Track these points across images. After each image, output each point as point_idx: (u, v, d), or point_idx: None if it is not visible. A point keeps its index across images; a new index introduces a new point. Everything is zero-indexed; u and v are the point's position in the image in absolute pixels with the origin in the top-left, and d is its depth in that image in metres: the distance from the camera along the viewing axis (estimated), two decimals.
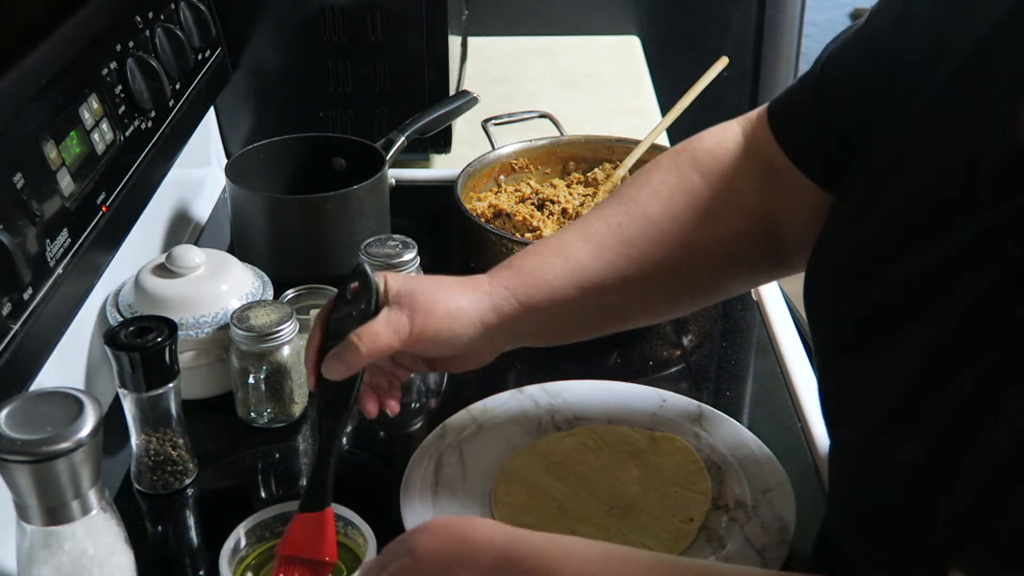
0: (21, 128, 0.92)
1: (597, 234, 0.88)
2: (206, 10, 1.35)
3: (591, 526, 0.90)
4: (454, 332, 0.84)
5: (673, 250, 0.87)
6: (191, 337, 1.03)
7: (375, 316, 0.83)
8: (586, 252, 0.87)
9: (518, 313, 0.86)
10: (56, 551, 0.69)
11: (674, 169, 0.90)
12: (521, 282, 0.86)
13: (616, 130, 1.46)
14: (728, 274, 0.92)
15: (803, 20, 2.14)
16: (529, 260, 0.88)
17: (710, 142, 0.91)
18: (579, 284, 0.86)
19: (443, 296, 0.84)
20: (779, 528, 0.89)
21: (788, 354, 1.14)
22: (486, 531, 0.72)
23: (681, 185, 0.88)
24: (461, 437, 0.99)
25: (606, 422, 1.02)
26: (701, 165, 0.89)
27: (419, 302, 0.83)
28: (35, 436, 0.65)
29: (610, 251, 0.87)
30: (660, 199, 0.88)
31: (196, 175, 1.45)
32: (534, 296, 0.86)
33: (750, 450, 0.98)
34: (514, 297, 0.86)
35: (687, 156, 0.90)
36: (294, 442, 1.04)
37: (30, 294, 0.88)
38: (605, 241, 0.87)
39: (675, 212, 0.88)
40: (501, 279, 0.86)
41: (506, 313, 0.86)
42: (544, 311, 0.86)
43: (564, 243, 0.88)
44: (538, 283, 0.86)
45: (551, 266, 0.86)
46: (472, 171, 1.34)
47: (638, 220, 0.88)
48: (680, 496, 0.93)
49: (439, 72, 1.47)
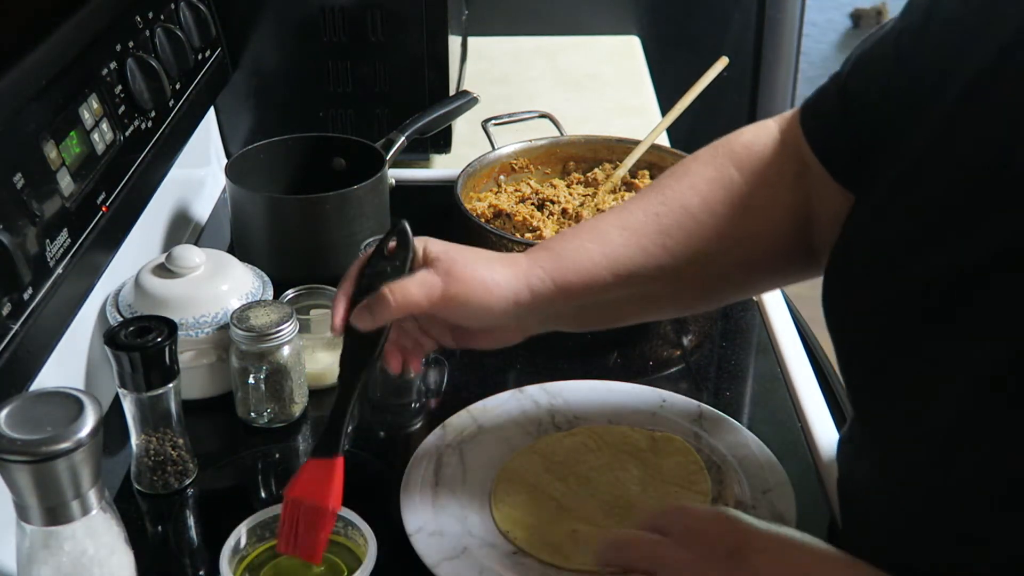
0: (21, 128, 0.92)
1: (634, 223, 0.89)
2: (206, 10, 1.35)
3: (592, 526, 0.90)
4: (486, 303, 0.84)
5: (708, 242, 0.88)
6: (191, 337, 1.03)
7: (409, 275, 0.84)
8: (623, 240, 0.88)
9: (552, 295, 0.86)
10: (56, 551, 0.69)
11: (712, 163, 0.91)
12: (558, 265, 0.87)
13: (616, 130, 1.46)
14: (759, 270, 0.93)
15: (803, 20, 2.14)
16: (567, 244, 0.89)
17: (748, 138, 0.92)
18: (615, 271, 0.87)
19: (480, 266, 0.85)
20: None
21: (788, 354, 1.14)
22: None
23: (719, 178, 0.89)
24: (461, 437, 0.99)
25: (606, 422, 1.02)
26: (738, 160, 0.90)
27: (455, 268, 0.84)
28: (35, 436, 0.65)
29: (647, 240, 0.88)
30: (698, 191, 0.89)
31: (196, 175, 1.45)
32: (570, 280, 0.86)
33: (750, 450, 0.98)
34: (550, 279, 0.86)
35: (725, 151, 0.91)
36: (294, 442, 1.04)
37: (30, 294, 0.88)
38: (642, 230, 0.88)
39: (712, 205, 0.88)
40: (538, 259, 0.87)
41: (540, 293, 0.86)
42: (578, 295, 0.87)
43: (602, 230, 0.89)
44: (575, 267, 0.87)
45: (588, 252, 0.87)
46: (472, 171, 1.34)
47: (675, 211, 0.89)
48: (680, 496, 0.93)
49: (439, 72, 1.47)
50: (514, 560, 0.87)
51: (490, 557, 0.87)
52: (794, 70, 2.15)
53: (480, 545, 0.88)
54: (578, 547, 0.88)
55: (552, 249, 0.88)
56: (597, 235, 0.88)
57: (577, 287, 0.86)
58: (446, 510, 0.91)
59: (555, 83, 1.88)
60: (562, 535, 0.89)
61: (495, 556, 0.87)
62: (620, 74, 1.92)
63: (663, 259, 0.88)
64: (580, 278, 0.86)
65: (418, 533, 0.88)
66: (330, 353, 1.08)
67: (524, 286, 0.86)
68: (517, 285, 0.85)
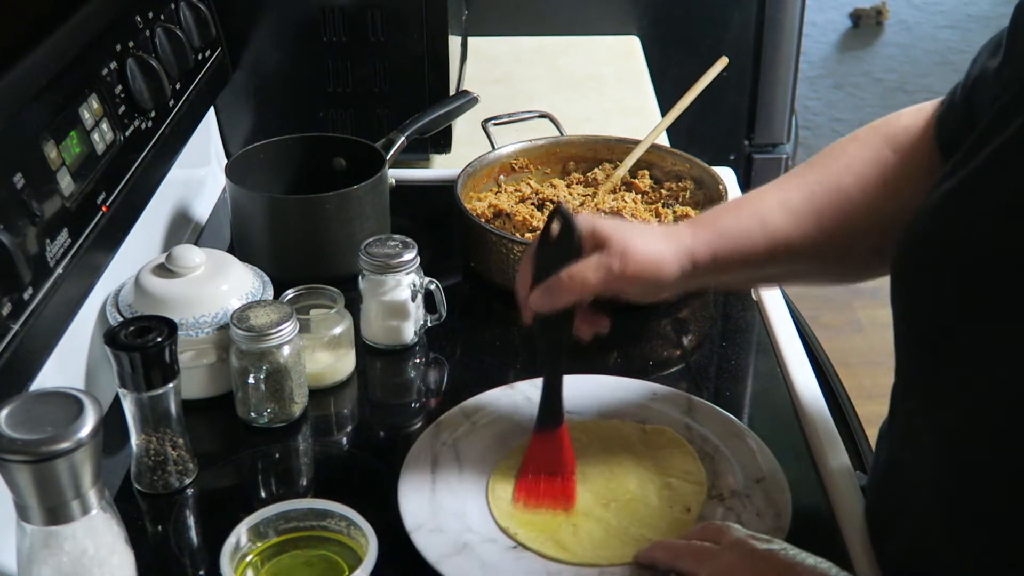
0: (21, 128, 0.92)
1: (793, 202, 0.93)
2: (206, 10, 1.35)
3: (591, 520, 0.91)
4: (657, 280, 0.90)
5: (861, 221, 0.92)
6: (191, 337, 1.03)
7: (580, 256, 0.89)
8: (783, 220, 0.92)
9: (711, 269, 0.92)
10: (56, 551, 0.69)
11: (870, 143, 0.95)
12: (721, 244, 0.92)
13: (616, 130, 1.46)
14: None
15: (803, 20, 2.13)
16: (730, 222, 0.93)
17: (907, 120, 0.95)
18: (772, 251, 0.92)
19: (650, 245, 0.90)
20: (774, 515, 0.90)
21: (788, 354, 1.14)
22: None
23: (875, 159, 0.93)
24: (456, 435, 0.99)
25: (597, 416, 1.02)
26: (895, 141, 0.94)
27: (629, 249, 0.88)
28: (35, 436, 0.65)
29: (804, 220, 0.92)
30: (853, 171, 0.93)
31: (196, 175, 1.45)
32: (729, 258, 0.92)
33: (742, 440, 0.98)
34: (712, 255, 0.91)
35: (884, 132, 0.95)
36: (294, 442, 1.04)
37: (30, 294, 0.88)
38: (801, 209, 0.92)
39: (866, 184, 0.92)
40: (701, 235, 0.92)
41: (701, 268, 0.91)
42: (734, 270, 0.93)
43: (763, 210, 0.93)
44: (737, 247, 0.92)
45: (749, 232, 0.92)
46: (472, 171, 1.34)
47: (831, 191, 0.93)
48: (676, 487, 0.94)
49: (439, 72, 1.47)
50: (515, 555, 0.87)
51: (491, 552, 0.87)
52: (794, 70, 2.15)
53: (480, 541, 0.88)
54: (579, 541, 0.89)
55: (715, 227, 0.93)
56: (759, 215, 0.93)
57: (735, 263, 0.92)
58: (445, 507, 0.91)
59: (555, 83, 1.88)
60: (562, 529, 0.90)
61: (496, 551, 0.87)
62: (620, 74, 1.92)
63: (817, 238, 0.92)
64: (739, 256, 0.92)
65: (418, 530, 0.88)
66: (330, 353, 1.08)
67: (688, 259, 0.91)
68: (683, 261, 0.90)
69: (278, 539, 0.85)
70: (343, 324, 1.08)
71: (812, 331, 1.42)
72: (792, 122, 2.22)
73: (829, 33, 5.21)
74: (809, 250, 0.92)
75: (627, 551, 0.87)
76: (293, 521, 0.85)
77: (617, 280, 0.88)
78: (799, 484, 0.94)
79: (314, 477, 1.02)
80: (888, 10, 5.35)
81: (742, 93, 2.13)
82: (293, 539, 0.85)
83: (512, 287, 1.21)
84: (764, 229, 0.92)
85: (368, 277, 1.12)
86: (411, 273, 1.12)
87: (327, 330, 1.08)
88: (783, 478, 0.93)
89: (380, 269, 1.11)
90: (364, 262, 1.11)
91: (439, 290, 1.14)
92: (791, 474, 0.94)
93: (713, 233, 0.92)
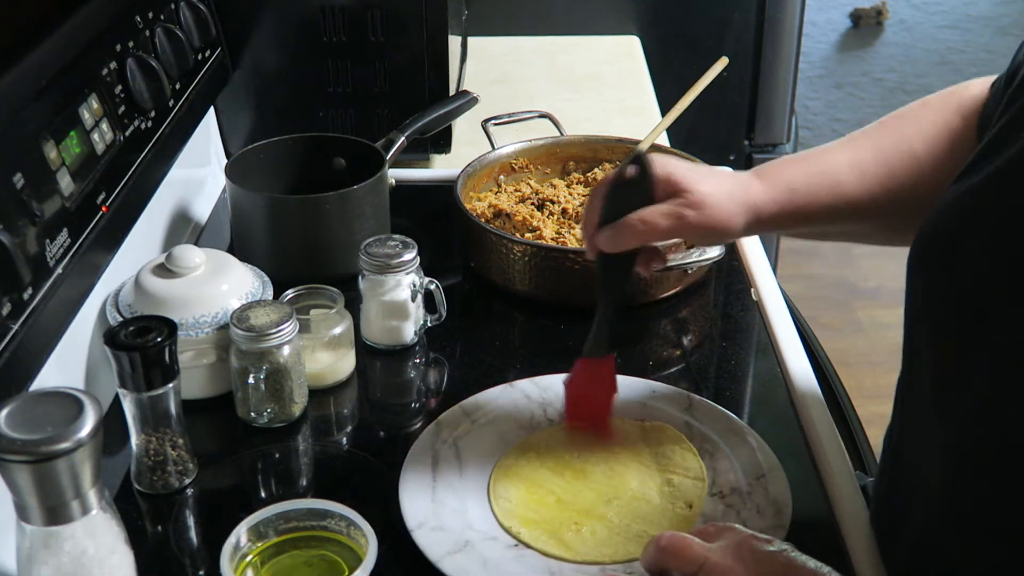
0: (21, 128, 0.92)
1: (864, 162, 0.94)
2: (206, 10, 1.35)
3: (593, 517, 0.91)
4: (725, 233, 0.93)
5: (928, 186, 0.92)
6: (191, 337, 1.03)
7: (651, 202, 0.92)
8: (852, 180, 0.94)
9: (777, 222, 0.95)
10: (56, 551, 0.69)
11: (941, 110, 0.96)
12: (789, 201, 0.94)
13: (616, 130, 1.46)
14: None
15: (803, 20, 2.14)
16: (800, 180, 0.95)
17: (976, 90, 0.96)
18: (839, 209, 0.94)
19: (723, 198, 0.92)
20: (775, 512, 0.90)
21: (788, 354, 1.14)
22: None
23: (945, 125, 0.94)
24: (456, 433, 0.99)
25: None
26: (964, 109, 0.95)
27: (703, 201, 0.90)
28: (35, 436, 0.65)
29: (873, 180, 0.94)
30: (924, 136, 0.94)
31: (196, 175, 1.45)
32: (795, 215, 0.94)
33: (741, 437, 0.99)
34: (779, 211, 0.93)
35: (956, 99, 0.96)
36: (294, 442, 1.04)
37: (30, 294, 0.88)
38: (870, 170, 0.94)
39: (936, 150, 0.93)
40: (772, 192, 0.94)
41: (766, 221, 0.94)
42: (799, 225, 0.96)
43: (834, 169, 0.95)
44: (804, 206, 0.94)
45: (818, 191, 0.94)
46: (472, 171, 1.35)
47: (903, 154, 0.94)
48: (677, 484, 0.94)
49: (439, 72, 1.47)
50: (516, 553, 0.87)
51: (493, 551, 0.87)
52: (794, 70, 2.15)
53: (482, 539, 0.88)
54: (580, 539, 0.89)
55: (785, 185, 0.94)
56: (829, 175, 0.94)
57: (801, 219, 0.94)
58: (446, 506, 0.91)
59: (555, 83, 1.88)
60: (565, 528, 0.90)
61: (498, 550, 0.88)
62: (620, 74, 1.92)
63: (883, 200, 0.93)
64: (806, 213, 0.94)
65: (419, 529, 0.88)
66: (330, 353, 1.08)
67: (755, 214, 0.93)
68: (751, 216, 0.93)
69: (278, 539, 0.85)
70: (343, 324, 1.08)
71: (812, 331, 1.42)
72: (792, 122, 2.22)
73: (829, 33, 5.21)
74: (875, 212, 0.94)
75: (629, 548, 0.87)
76: (293, 521, 0.86)
77: (686, 230, 0.91)
78: (799, 484, 0.94)
79: (314, 477, 1.02)
80: (888, 10, 5.35)
81: (742, 93, 2.13)
82: (293, 539, 0.85)
83: (512, 287, 1.22)
84: (832, 190, 0.93)
85: (368, 277, 1.12)
86: (411, 273, 1.12)
87: (327, 330, 1.08)
88: (783, 475, 0.93)
89: (380, 269, 1.11)
90: (364, 262, 1.11)
91: (439, 290, 1.14)
92: (791, 474, 0.94)
93: (782, 191, 0.94)
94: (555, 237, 1.25)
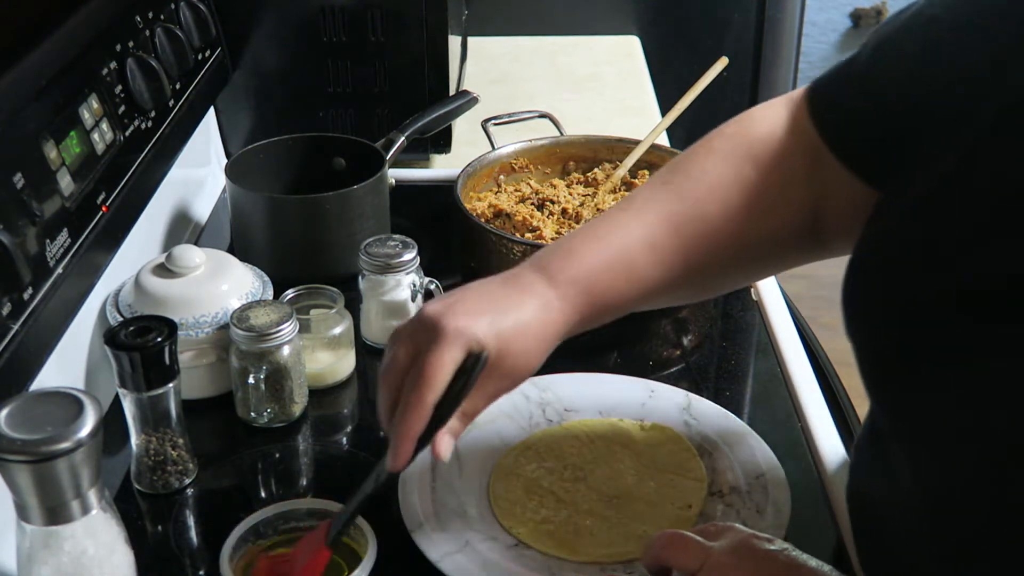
0: (21, 128, 0.92)
1: (660, 239, 0.88)
2: (206, 10, 1.35)
3: (593, 517, 0.91)
4: (533, 367, 0.85)
5: (726, 249, 0.89)
6: (191, 337, 1.03)
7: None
8: (650, 264, 0.88)
9: (579, 326, 0.88)
10: (56, 551, 0.69)
11: (731, 160, 0.89)
12: (590, 303, 0.87)
13: (616, 130, 1.46)
14: (771, 260, 0.94)
15: (803, 20, 2.14)
16: (596, 273, 0.87)
17: (763, 129, 0.89)
18: (641, 296, 0.88)
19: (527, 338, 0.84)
20: (774, 512, 0.90)
21: (788, 354, 1.14)
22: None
23: (737, 179, 0.88)
24: None
25: (596, 414, 1.02)
26: (755, 156, 0.88)
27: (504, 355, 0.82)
28: (35, 436, 0.65)
29: (672, 257, 0.88)
30: (716, 196, 0.88)
31: (196, 175, 1.45)
32: (599, 315, 0.88)
33: (740, 436, 0.99)
34: (580, 317, 0.87)
35: (743, 146, 0.89)
36: (294, 442, 1.04)
37: (30, 294, 0.88)
38: (668, 246, 0.88)
39: (731, 211, 0.88)
40: (569, 297, 0.86)
41: (571, 329, 0.87)
42: (599, 321, 0.89)
43: (631, 257, 0.87)
44: (606, 303, 0.88)
45: (618, 286, 0.87)
46: (472, 171, 1.34)
47: (696, 221, 0.88)
48: (676, 484, 0.94)
49: (439, 72, 1.47)
50: (516, 553, 0.87)
51: (493, 551, 0.87)
52: (794, 70, 2.15)
53: (482, 539, 0.88)
54: (580, 538, 0.89)
55: (584, 286, 0.86)
56: (627, 264, 0.87)
57: (604, 317, 0.88)
58: (445, 506, 0.91)
59: (555, 83, 1.88)
60: (565, 528, 0.90)
61: (498, 549, 0.88)
62: (620, 74, 1.92)
63: (683, 273, 0.88)
64: (608, 311, 0.88)
65: (419, 529, 0.88)
66: (330, 353, 1.08)
67: (556, 333, 0.86)
68: (555, 333, 0.85)
69: (278, 539, 0.85)
70: (343, 324, 1.08)
71: (812, 331, 1.42)
72: None
73: (829, 33, 5.21)
74: (676, 286, 0.89)
75: (628, 548, 0.87)
76: (293, 521, 0.86)
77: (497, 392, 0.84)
78: (799, 484, 0.94)
79: (314, 477, 1.02)
80: (888, 10, 5.35)
81: (742, 93, 2.13)
82: (293, 539, 0.85)
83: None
84: (631, 276, 0.87)
85: (368, 277, 1.12)
86: (411, 273, 1.12)
87: (327, 330, 1.08)
88: (782, 474, 0.93)
89: (380, 269, 1.11)
90: (364, 262, 1.11)
91: (439, 290, 1.14)
92: (791, 474, 0.94)
93: (580, 294, 0.86)
94: (555, 237, 1.25)
